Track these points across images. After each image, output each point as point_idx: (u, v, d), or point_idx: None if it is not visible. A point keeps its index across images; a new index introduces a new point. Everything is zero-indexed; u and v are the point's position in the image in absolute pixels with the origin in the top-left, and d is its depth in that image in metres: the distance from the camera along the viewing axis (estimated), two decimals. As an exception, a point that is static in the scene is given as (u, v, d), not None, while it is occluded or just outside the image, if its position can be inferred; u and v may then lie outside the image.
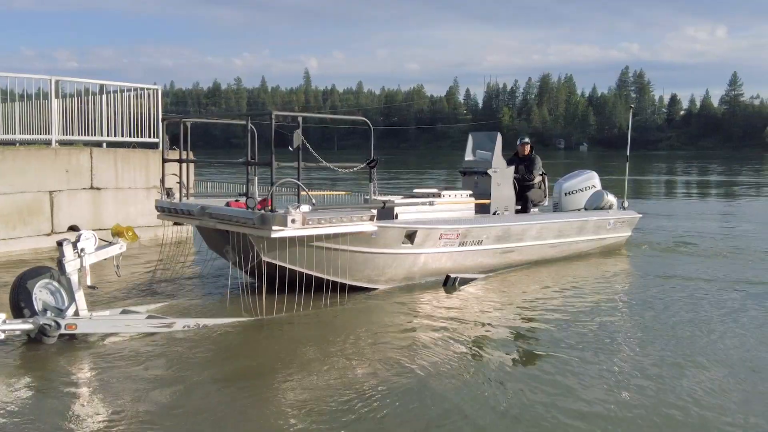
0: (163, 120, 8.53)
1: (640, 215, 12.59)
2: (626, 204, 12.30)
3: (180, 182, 8.33)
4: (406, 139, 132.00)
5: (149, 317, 6.61)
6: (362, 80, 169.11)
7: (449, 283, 8.70)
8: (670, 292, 8.54)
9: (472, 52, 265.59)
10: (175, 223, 8.73)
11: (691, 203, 24.18)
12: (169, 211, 8.25)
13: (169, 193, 8.36)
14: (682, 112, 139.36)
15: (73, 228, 11.13)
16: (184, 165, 8.46)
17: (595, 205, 11.75)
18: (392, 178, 33.91)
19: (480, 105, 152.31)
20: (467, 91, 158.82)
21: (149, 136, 12.98)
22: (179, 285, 8.54)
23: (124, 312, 6.77)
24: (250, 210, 7.04)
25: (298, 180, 7.03)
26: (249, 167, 7.30)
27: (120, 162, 11.99)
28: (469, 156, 10.58)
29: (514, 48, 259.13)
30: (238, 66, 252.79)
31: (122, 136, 12.67)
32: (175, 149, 8.57)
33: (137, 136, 12.85)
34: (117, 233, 6.43)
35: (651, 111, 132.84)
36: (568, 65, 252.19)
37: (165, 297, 7.88)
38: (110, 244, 6.41)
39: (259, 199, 7.04)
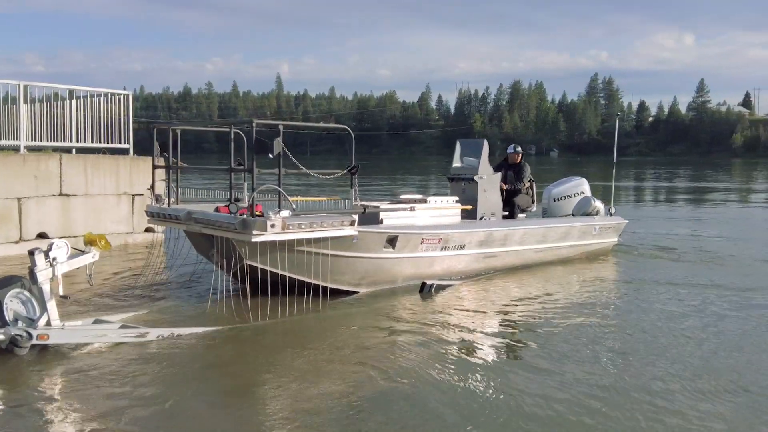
0: (153, 127, 8.80)
1: (627, 221, 12.69)
2: (613, 210, 12.41)
3: (168, 188, 8.50)
4: (378, 144, 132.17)
5: (122, 327, 6.47)
6: (334, 85, 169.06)
7: (425, 290, 8.68)
8: (651, 298, 8.57)
9: (444, 59, 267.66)
10: (146, 230, 8.71)
11: (665, 209, 24.46)
12: (158, 216, 8.40)
13: (158, 198, 8.51)
14: (650, 119, 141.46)
15: (41, 235, 10.94)
16: (168, 171, 8.55)
17: (582, 211, 11.87)
18: (367, 184, 33.85)
19: (452, 111, 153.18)
20: (439, 97, 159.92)
21: (119, 142, 12.83)
22: (152, 293, 8.39)
23: (96, 322, 6.63)
24: (232, 215, 7.20)
25: (279, 186, 7.16)
26: (232, 173, 7.50)
27: (90, 168, 11.80)
28: (456, 163, 10.70)
29: (486, 54, 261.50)
30: (209, 70, 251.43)
31: (92, 141, 12.49)
32: (165, 155, 8.68)
33: (107, 142, 12.68)
34: (90, 242, 6.31)
35: (620, 117, 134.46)
36: (539, 72, 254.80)
37: (138, 306, 7.73)
38: (83, 252, 6.28)
39: (242, 205, 7.18)
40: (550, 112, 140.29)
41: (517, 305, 8.30)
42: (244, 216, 7.09)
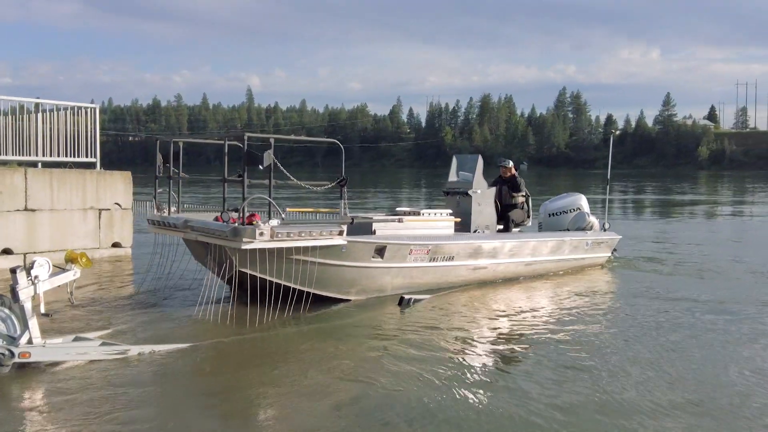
0: (156, 139, 9.16)
1: (620, 237, 12.72)
2: (607, 225, 12.49)
3: (170, 197, 8.80)
4: (349, 157, 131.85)
5: (103, 344, 6.34)
6: (305, 98, 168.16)
7: (404, 304, 8.64)
8: (635, 311, 8.55)
9: (415, 72, 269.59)
10: (114, 245, 8.65)
11: (646, 220, 24.66)
12: (159, 224, 8.67)
13: (159, 207, 8.78)
14: (617, 132, 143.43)
15: (6, 251, 10.66)
16: (170, 181, 8.83)
17: (576, 226, 12.01)
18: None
19: (423, 124, 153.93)
20: (410, 110, 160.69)
21: (86, 156, 12.58)
22: (131, 309, 8.22)
23: (77, 339, 6.48)
24: (224, 223, 7.50)
25: (269, 197, 7.47)
26: (225, 184, 7.81)
27: (56, 182, 11.52)
28: (452, 177, 10.90)
29: (456, 68, 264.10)
30: (178, 83, 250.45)
31: (58, 155, 12.24)
32: (168, 166, 8.83)
33: (74, 156, 12.42)
34: (71, 259, 6.20)
35: (588, 131, 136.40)
36: (508, 86, 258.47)
37: (118, 322, 7.56)
38: (64, 270, 6.17)
39: (235, 214, 7.53)
40: (520, 125, 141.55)
41: (501, 318, 8.27)
42: (235, 224, 7.34)
